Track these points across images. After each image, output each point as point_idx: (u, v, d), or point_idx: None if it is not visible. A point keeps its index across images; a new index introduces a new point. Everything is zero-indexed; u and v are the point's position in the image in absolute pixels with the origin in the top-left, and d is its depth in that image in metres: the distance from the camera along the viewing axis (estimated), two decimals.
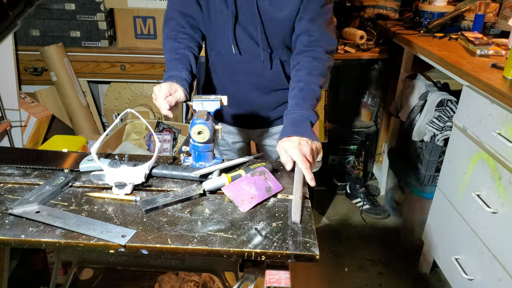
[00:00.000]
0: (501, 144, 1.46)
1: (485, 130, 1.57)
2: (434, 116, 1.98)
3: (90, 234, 0.83)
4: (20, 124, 2.55)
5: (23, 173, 1.07)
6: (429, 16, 2.32)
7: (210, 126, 1.07)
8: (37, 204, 0.91)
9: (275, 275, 0.86)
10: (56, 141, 2.45)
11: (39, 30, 2.68)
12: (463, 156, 1.71)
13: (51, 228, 0.85)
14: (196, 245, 0.82)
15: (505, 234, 1.45)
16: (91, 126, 2.84)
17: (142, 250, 0.82)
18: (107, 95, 3.07)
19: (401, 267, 2.21)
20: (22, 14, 0.64)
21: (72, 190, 1.01)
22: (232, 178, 1.02)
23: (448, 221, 1.82)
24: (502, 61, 1.70)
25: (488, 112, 1.55)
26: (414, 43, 2.10)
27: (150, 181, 1.06)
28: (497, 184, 1.49)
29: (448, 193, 1.83)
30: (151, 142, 2.67)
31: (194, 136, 1.08)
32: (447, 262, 1.82)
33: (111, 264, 1.31)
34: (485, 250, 1.55)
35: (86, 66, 2.77)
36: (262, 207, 0.96)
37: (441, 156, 2.03)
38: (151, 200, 0.94)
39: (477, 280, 1.61)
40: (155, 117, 3.02)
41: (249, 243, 0.83)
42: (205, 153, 1.11)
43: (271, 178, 1.05)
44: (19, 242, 0.83)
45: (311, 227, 0.89)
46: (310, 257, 0.82)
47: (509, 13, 2.12)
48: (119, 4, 2.61)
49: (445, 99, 1.95)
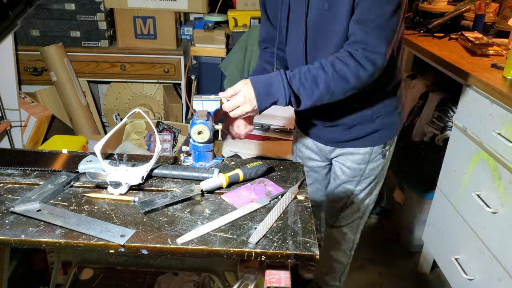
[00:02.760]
0: (501, 144, 1.46)
1: (485, 130, 1.57)
2: (434, 116, 1.98)
3: (89, 234, 0.83)
4: (20, 124, 2.55)
5: (23, 173, 1.07)
6: (429, 16, 2.32)
7: (210, 126, 1.07)
8: (39, 202, 0.91)
9: (275, 275, 0.86)
10: (56, 141, 2.45)
11: (39, 30, 2.68)
12: (463, 156, 1.71)
13: (51, 228, 0.85)
14: (196, 245, 0.82)
15: (505, 234, 1.45)
16: (91, 126, 2.84)
17: (142, 250, 0.82)
18: (107, 95, 3.07)
19: (401, 267, 2.21)
20: (22, 14, 0.64)
21: (72, 190, 1.01)
22: (230, 178, 1.02)
23: (448, 221, 1.82)
24: (502, 61, 1.70)
25: (488, 112, 1.55)
26: (414, 43, 2.10)
27: (150, 181, 1.06)
28: (497, 184, 1.49)
29: (448, 193, 1.83)
30: (151, 142, 2.67)
31: (194, 136, 1.08)
32: (447, 262, 1.82)
33: (111, 264, 1.31)
34: (485, 250, 1.55)
35: (86, 66, 2.77)
36: (262, 207, 0.96)
37: (441, 156, 2.03)
38: (149, 201, 0.94)
39: (477, 280, 1.61)
40: (155, 117, 3.02)
41: (249, 243, 0.83)
42: (205, 153, 1.11)
43: (271, 184, 1.05)
44: (19, 242, 0.83)
45: (311, 227, 0.89)
46: (310, 257, 0.82)
47: (509, 13, 2.12)
48: (119, 4, 2.61)
49: (445, 99, 1.95)
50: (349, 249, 1.68)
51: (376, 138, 1.40)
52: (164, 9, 2.63)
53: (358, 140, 1.39)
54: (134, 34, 2.72)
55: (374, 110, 1.34)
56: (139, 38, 2.73)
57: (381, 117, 1.36)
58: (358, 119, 1.35)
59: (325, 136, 1.45)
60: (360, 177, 1.47)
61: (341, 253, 1.68)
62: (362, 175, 1.47)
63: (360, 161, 1.43)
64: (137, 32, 2.71)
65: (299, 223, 0.90)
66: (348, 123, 1.37)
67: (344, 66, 1.12)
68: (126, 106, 3.07)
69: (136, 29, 2.70)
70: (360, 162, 1.44)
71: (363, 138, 1.39)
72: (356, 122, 1.36)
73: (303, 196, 1.01)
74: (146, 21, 2.68)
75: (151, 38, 2.73)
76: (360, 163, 1.44)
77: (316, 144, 1.50)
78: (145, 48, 2.75)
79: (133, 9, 2.64)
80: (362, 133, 1.38)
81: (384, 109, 1.35)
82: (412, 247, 2.28)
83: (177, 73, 2.78)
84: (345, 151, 1.44)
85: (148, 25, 2.69)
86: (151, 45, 2.75)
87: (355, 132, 1.38)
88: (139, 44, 2.75)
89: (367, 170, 1.46)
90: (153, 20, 2.68)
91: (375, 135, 1.39)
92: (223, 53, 2.60)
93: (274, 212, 0.93)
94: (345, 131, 1.39)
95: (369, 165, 1.45)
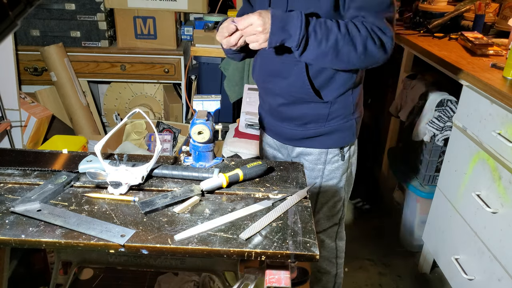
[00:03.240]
0: (501, 144, 1.46)
1: (485, 130, 1.57)
2: (434, 116, 1.98)
3: (90, 233, 0.83)
4: (20, 124, 2.55)
5: (23, 173, 1.07)
6: (429, 16, 2.32)
7: (210, 126, 1.07)
8: (39, 202, 0.91)
9: (275, 275, 0.86)
10: (56, 141, 2.45)
11: (39, 30, 2.68)
12: (463, 156, 1.71)
13: (51, 228, 0.85)
14: (196, 245, 0.82)
15: (505, 234, 1.45)
16: (91, 126, 2.84)
17: (142, 250, 0.82)
18: (107, 95, 3.07)
19: (401, 267, 2.21)
20: (22, 14, 0.64)
21: (72, 190, 1.01)
22: (230, 178, 1.02)
23: (448, 221, 1.82)
24: (502, 61, 1.70)
25: (488, 112, 1.55)
26: (414, 43, 2.10)
27: (150, 181, 1.06)
28: (497, 184, 1.49)
29: (448, 193, 1.83)
30: (151, 142, 2.67)
31: (194, 136, 1.08)
32: (447, 262, 1.82)
33: (111, 264, 1.31)
34: (485, 250, 1.55)
35: (86, 66, 2.77)
36: (263, 208, 0.96)
37: (441, 156, 2.03)
38: (149, 201, 0.94)
39: (477, 280, 1.61)
40: (155, 117, 3.02)
41: (249, 243, 0.83)
42: (205, 153, 1.11)
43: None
44: (19, 242, 0.83)
45: (311, 227, 0.89)
46: (310, 257, 0.82)
47: (509, 13, 2.12)
48: (119, 4, 2.61)
49: (445, 99, 1.95)
50: (333, 257, 1.63)
51: (331, 140, 1.38)
52: (164, 9, 2.63)
53: (312, 139, 1.38)
54: (134, 34, 2.72)
55: (331, 110, 1.33)
56: (139, 38, 2.73)
57: (337, 118, 1.34)
58: (312, 116, 1.34)
59: (282, 133, 1.43)
60: (321, 179, 1.45)
61: (325, 262, 1.64)
62: (322, 177, 1.44)
63: (316, 161, 1.42)
64: (137, 32, 2.71)
65: (299, 223, 0.90)
66: (303, 119, 1.35)
67: (357, 31, 1.11)
68: (126, 106, 3.07)
69: (136, 29, 2.70)
70: (316, 162, 1.42)
71: (317, 137, 1.37)
72: (310, 119, 1.35)
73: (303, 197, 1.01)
74: (146, 21, 2.68)
75: (151, 38, 2.73)
76: (317, 163, 1.42)
77: (275, 142, 1.50)
78: (145, 48, 2.75)
79: (133, 9, 2.64)
80: (316, 132, 1.36)
81: (340, 111, 1.33)
82: (412, 247, 2.28)
83: (177, 73, 2.79)
84: (301, 150, 1.43)
85: (148, 25, 2.70)
86: (151, 45, 2.75)
87: (309, 130, 1.36)
88: (139, 44, 2.75)
89: (326, 171, 1.43)
90: (153, 20, 2.68)
91: (329, 136, 1.37)
92: (223, 53, 2.59)
93: (273, 212, 0.93)
94: (299, 128, 1.37)
95: (327, 166, 1.42)
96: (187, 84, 2.84)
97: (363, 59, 1.14)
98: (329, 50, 1.12)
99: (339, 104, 1.33)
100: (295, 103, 1.33)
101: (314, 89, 1.28)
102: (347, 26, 1.12)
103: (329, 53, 1.12)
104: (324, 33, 1.10)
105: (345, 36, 1.11)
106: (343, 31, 1.11)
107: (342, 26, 1.12)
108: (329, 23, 1.11)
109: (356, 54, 1.13)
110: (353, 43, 1.11)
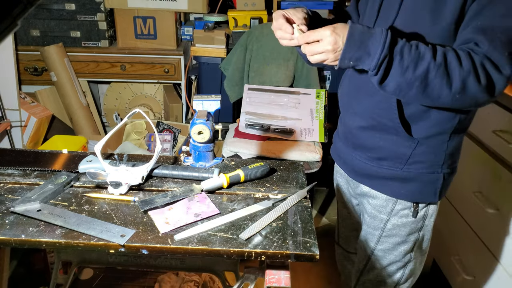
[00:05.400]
0: (501, 144, 1.46)
1: (485, 130, 1.57)
2: None
3: (89, 233, 0.83)
4: (20, 124, 2.55)
5: (23, 173, 1.07)
6: None
7: (210, 126, 1.08)
8: (39, 202, 0.91)
9: (275, 275, 0.86)
10: (56, 141, 2.45)
11: (39, 30, 2.68)
12: (463, 156, 1.71)
13: (51, 228, 0.85)
14: (196, 245, 0.82)
15: (505, 234, 1.45)
16: (91, 126, 2.84)
17: (142, 250, 0.82)
18: (107, 95, 3.07)
19: None
20: (22, 14, 0.64)
21: (72, 190, 1.01)
22: (231, 178, 1.02)
23: (448, 221, 1.82)
24: None
25: (488, 112, 1.55)
26: None
27: (150, 181, 1.06)
28: (497, 184, 1.49)
29: (448, 193, 1.83)
30: (151, 142, 2.67)
31: (194, 136, 1.08)
32: (447, 262, 1.82)
33: (111, 264, 1.31)
34: (485, 250, 1.55)
35: (86, 66, 2.77)
36: (264, 208, 0.96)
37: None
38: (149, 200, 0.94)
39: (477, 280, 1.61)
40: (155, 117, 3.02)
41: (249, 243, 0.83)
42: (205, 153, 1.11)
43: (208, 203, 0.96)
44: (19, 242, 0.83)
45: (311, 227, 0.89)
46: (310, 257, 0.82)
47: None
48: (119, 4, 2.61)
49: None
50: None
51: (404, 189, 1.13)
52: (164, 9, 2.63)
53: (382, 180, 1.15)
54: (134, 34, 2.71)
55: (415, 151, 1.08)
56: (139, 38, 2.73)
57: (420, 164, 1.09)
58: (390, 152, 1.11)
59: (350, 163, 1.22)
60: (381, 232, 1.20)
61: None
62: (383, 229, 1.20)
63: (380, 208, 1.18)
64: (137, 32, 2.71)
65: (299, 223, 0.90)
66: (377, 152, 1.13)
67: (457, 63, 0.88)
68: (126, 106, 3.07)
69: (136, 29, 2.70)
70: (380, 209, 1.18)
71: (388, 180, 1.14)
72: (386, 155, 1.11)
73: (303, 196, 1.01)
74: (146, 21, 2.68)
75: (151, 38, 2.73)
76: (381, 211, 1.18)
77: (343, 173, 1.30)
78: (145, 48, 2.75)
79: (133, 9, 2.63)
80: (389, 173, 1.13)
81: (426, 156, 1.08)
82: None
83: (177, 73, 2.78)
84: (367, 191, 1.20)
85: (148, 25, 2.69)
86: (151, 45, 2.75)
87: (381, 167, 1.13)
88: (139, 44, 2.75)
89: (389, 224, 1.18)
90: (153, 20, 2.68)
91: (404, 184, 1.12)
92: (223, 53, 2.59)
93: (273, 213, 0.93)
94: (371, 162, 1.15)
95: (392, 219, 1.17)
96: (187, 84, 2.84)
97: (457, 99, 0.90)
98: (416, 78, 0.88)
99: (428, 147, 1.08)
100: (374, 128, 1.11)
101: (401, 118, 1.05)
102: (445, 55, 0.89)
103: (414, 84, 0.89)
104: (413, 58, 0.88)
105: (440, 67, 0.88)
106: (439, 60, 0.88)
107: (439, 53, 0.89)
108: (422, 48, 0.89)
109: (449, 91, 0.89)
110: (449, 77, 0.88)
